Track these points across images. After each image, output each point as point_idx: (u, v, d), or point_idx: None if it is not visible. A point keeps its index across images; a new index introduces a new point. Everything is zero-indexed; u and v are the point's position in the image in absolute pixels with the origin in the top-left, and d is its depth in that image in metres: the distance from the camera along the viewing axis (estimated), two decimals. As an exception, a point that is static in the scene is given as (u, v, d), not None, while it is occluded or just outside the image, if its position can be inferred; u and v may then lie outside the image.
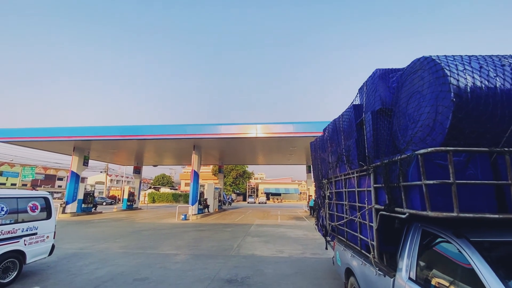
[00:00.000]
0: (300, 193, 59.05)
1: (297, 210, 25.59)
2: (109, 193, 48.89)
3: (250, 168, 57.42)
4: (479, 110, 1.90)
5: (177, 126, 16.20)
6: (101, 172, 47.17)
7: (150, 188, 56.93)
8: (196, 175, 17.76)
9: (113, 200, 38.36)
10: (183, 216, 15.94)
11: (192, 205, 16.95)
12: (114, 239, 9.37)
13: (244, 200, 53.45)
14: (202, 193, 19.45)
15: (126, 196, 24.63)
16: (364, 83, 3.30)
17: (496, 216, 1.70)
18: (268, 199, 55.26)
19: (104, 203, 34.87)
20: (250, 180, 59.39)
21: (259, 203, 45.45)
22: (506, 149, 1.80)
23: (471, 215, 1.68)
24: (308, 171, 23.67)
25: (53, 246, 5.49)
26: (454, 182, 1.71)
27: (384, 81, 2.92)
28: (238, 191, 54.85)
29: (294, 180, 66.60)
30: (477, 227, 1.99)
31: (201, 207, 18.56)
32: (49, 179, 57.43)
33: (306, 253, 7.28)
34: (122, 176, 51.60)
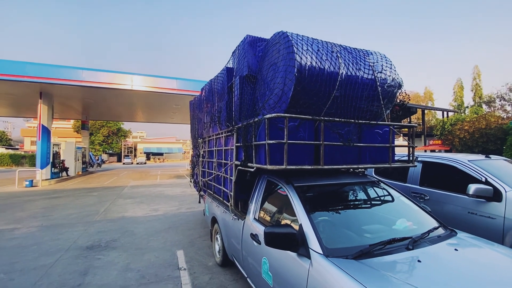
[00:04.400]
0: (184, 152, 58.73)
1: (179, 169, 25.54)
2: None
3: (126, 126, 50.89)
4: (311, 85, 2.39)
5: (10, 62, 11.75)
6: None
7: (-33, 147, 40.50)
8: (46, 131, 14.02)
9: None
10: (27, 183, 12.57)
11: (42, 168, 13.56)
12: None
13: (119, 161, 47.78)
14: (57, 154, 15.77)
15: None
16: (236, 48, 3.42)
17: (309, 167, 2.30)
18: (148, 159, 51.85)
19: None
20: (127, 139, 53.07)
21: (137, 163, 41.89)
22: (323, 118, 2.39)
23: (293, 167, 2.19)
24: (192, 130, 23.51)
25: None
26: (286, 142, 2.14)
27: (252, 49, 3.12)
28: (111, 151, 48.15)
29: (179, 140, 64.96)
30: (302, 175, 2.65)
31: (56, 170, 15.16)
32: None
33: (181, 208, 7.55)
34: None
